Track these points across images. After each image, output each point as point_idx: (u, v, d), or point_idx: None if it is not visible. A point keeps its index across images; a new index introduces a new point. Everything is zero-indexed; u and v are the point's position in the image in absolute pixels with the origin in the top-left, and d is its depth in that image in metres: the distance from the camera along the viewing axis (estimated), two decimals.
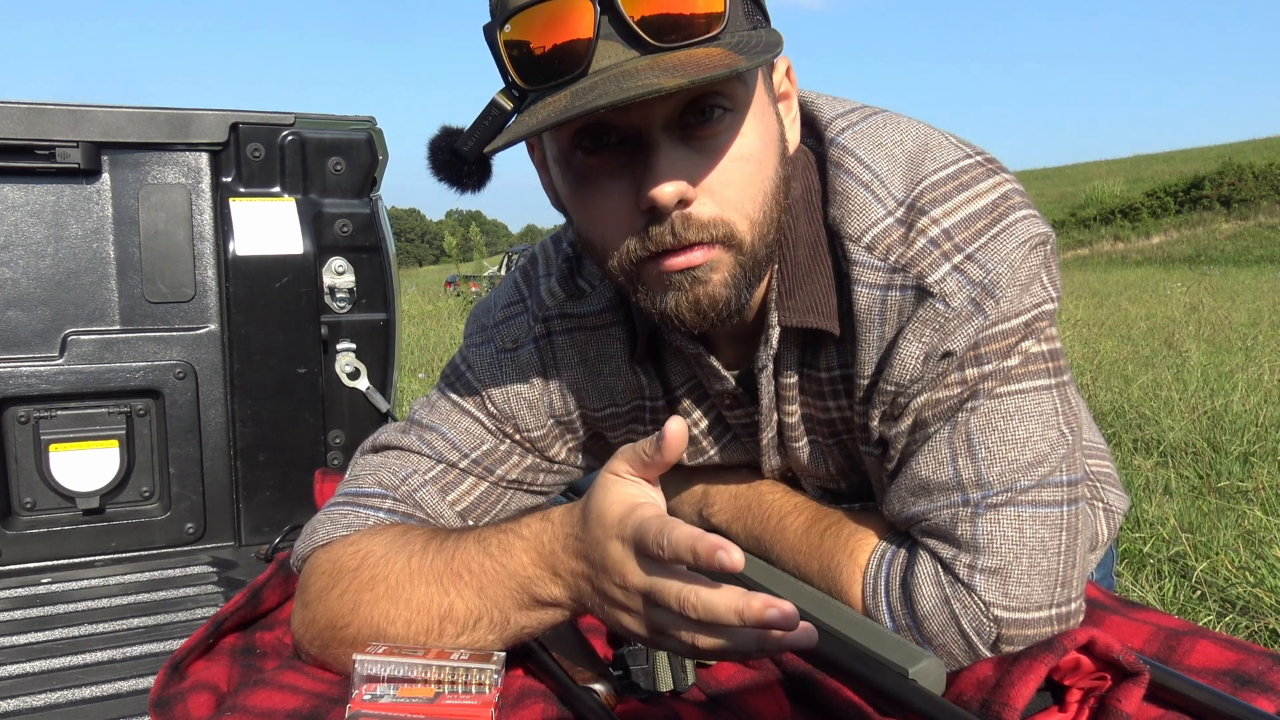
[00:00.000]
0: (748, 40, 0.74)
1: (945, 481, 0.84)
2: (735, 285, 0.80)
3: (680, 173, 0.75)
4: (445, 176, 0.86)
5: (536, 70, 0.74)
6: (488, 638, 0.82)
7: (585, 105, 0.68)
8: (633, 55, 0.72)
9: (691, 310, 0.80)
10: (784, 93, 0.87)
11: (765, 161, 0.80)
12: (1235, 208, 34.98)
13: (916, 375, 0.84)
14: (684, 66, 0.69)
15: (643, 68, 0.70)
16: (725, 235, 0.78)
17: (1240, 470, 3.99)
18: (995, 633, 0.82)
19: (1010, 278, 0.81)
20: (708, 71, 0.67)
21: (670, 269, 0.78)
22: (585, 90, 0.70)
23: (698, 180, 0.76)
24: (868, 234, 0.85)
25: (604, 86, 0.69)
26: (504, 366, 1.02)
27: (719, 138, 0.77)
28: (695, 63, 0.69)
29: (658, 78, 0.67)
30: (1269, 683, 0.82)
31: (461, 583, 0.82)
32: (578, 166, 0.80)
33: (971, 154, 0.87)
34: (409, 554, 0.86)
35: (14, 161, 1.63)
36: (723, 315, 0.81)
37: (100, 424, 1.70)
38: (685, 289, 0.79)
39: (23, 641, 1.36)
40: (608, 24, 0.72)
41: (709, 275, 0.79)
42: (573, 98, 0.70)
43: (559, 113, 0.70)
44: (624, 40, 0.72)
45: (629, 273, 0.81)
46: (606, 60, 0.72)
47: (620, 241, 0.79)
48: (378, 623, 0.85)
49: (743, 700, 0.85)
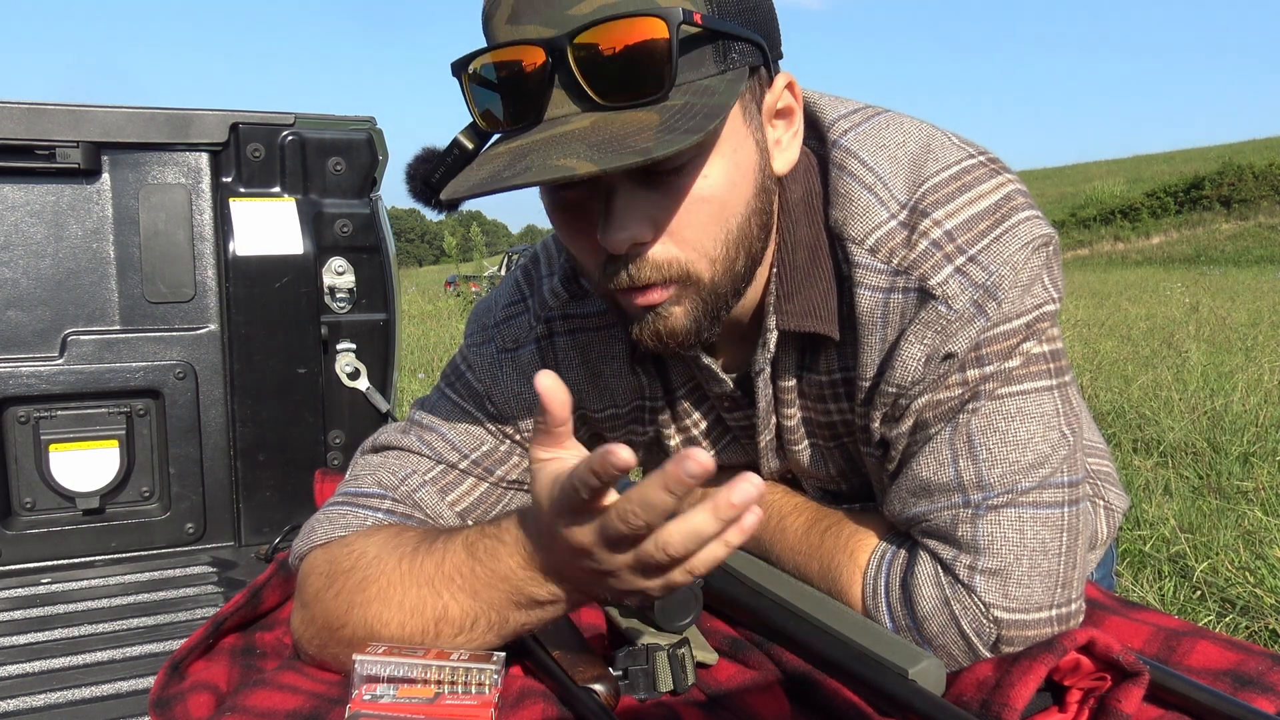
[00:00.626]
0: (694, 103, 0.72)
1: (946, 483, 0.84)
2: (695, 318, 0.82)
3: (636, 218, 0.76)
4: (420, 200, 0.88)
5: (492, 114, 0.76)
6: (487, 637, 0.82)
7: (508, 179, 0.70)
8: (575, 110, 0.73)
9: (653, 339, 0.83)
10: (783, 109, 0.85)
11: (731, 199, 0.79)
12: (1235, 208, 34.99)
13: (918, 377, 0.84)
14: (609, 142, 0.69)
15: (580, 130, 0.70)
16: (680, 275, 0.79)
17: (1240, 470, 3.99)
18: (995, 634, 0.82)
19: (1012, 279, 0.81)
20: (622, 157, 0.67)
21: (633, 304, 0.81)
22: (521, 152, 0.71)
23: (657, 223, 0.77)
24: (871, 237, 0.85)
25: (536, 155, 0.70)
26: (504, 367, 1.02)
27: (679, 179, 0.76)
28: (622, 138, 0.69)
29: (579, 155, 0.68)
30: (1269, 683, 0.82)
31: (454, 586, 0.82)
32: (555, 194, 0.81)
33: (974, 154, 0.87)
34: (399, 556, 0.86)
35: (14, 161, 1.63)
36: (685, 345, 0.83)
37: (100, 424, 1.70)
38: (650, 322, 0.82)
39: (23, 641, 1.36)
40: (558, 78, 0.72)
41: (670, 310, 0.81)
42: (512, 158, 0.72)
43: (485, 180, 0.72)
44: (570, 93, 0.73)
45: (606, 297, 0.85)
46: (558, 109, 0.73)
47: (593, 268, 0.82)
48: (371, 623, 0.85)
49: (743, 700, 0.85)
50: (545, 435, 0.72)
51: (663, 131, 0.69)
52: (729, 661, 0.91)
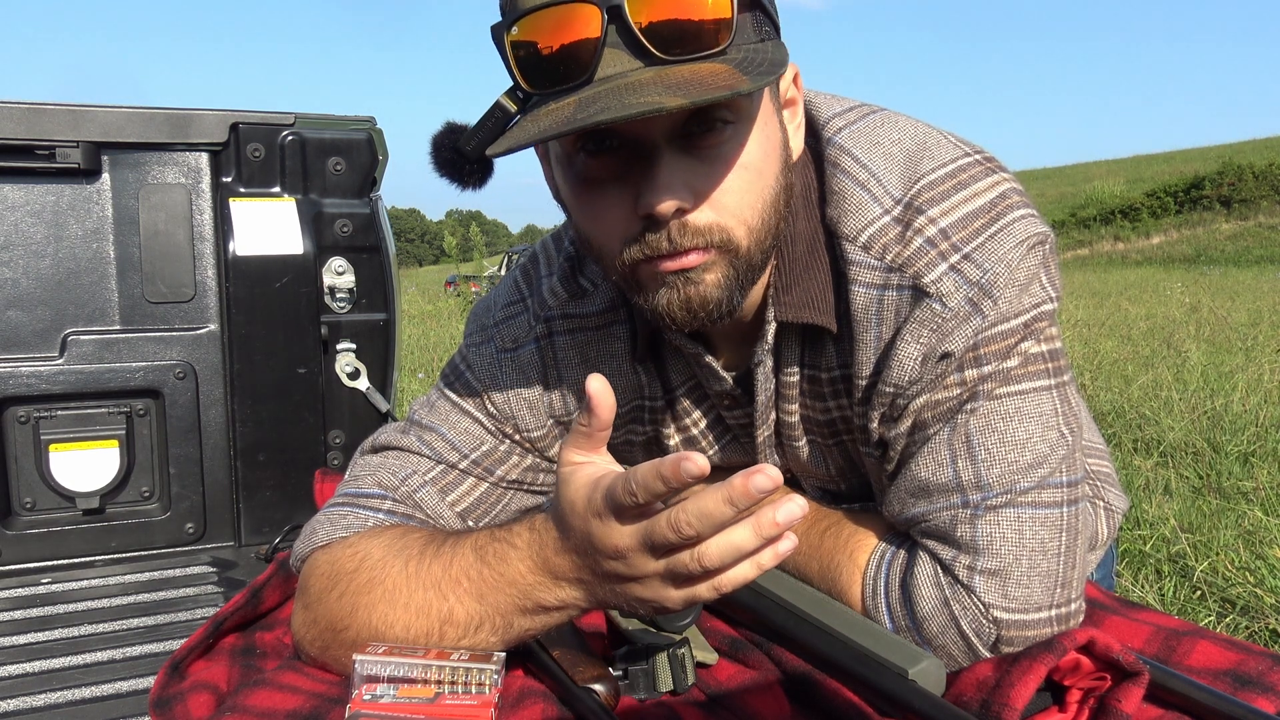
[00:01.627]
0: (753, 56, 0.73)
1: (945, 483, 0.84)
2: (728, 287, 0.81)
3: (681, 183, 0.75)
4: (447, 173, 0.86)
5: (541, 74, 0.74)
6: (490, 639, 0.82)
7: (586, 119, 0.68)
8: (637, 65, 0.72)
9: (682, 309, 0.81)
10: (790, 99, 0.87)
11: (766, 170, 0.80)
12: (1235, 208, 34.99)
13: (915, 377, 0.84)
14: (687, 83, 0.69)
15: (646, 80, 0.70)
16: (722, 241, 0.79)
17: (1240, 470, 3.99)
18: (995, 634, 0.82)
19: (1008, 278, 0.81)
20: (710, 92, 0.67)
21: (665, 270, 0.79)
22: (589, 101, 0.70)
23: (698, 189, 0.77)
24: (864, 233, 0.85)
25: (607, 99, 0.69)
26: (504, 366, 1.02)
27: (721, 147, 0.77)
28: (699, 80, 0.69)
29: (660, 95, 0.67)
30: (1269, 683, 0.82)
31: (460, 589, 0.82)
32: (579, 168, 0.80)
33: (970, 152, 0.87)
34: (406, 558, 0.86)
35: (14, 161, 1.63)
36: (713, 315, 0.82)
37: (100, 424, 1.70)
38: (678, 288, 0.80)
39: (23, 641, 1.36)
40: (614, 32, 0.72)
41: (702, 276, 0.80)
42: (577, 108, 0.70)
43: (561, 123, 0.70)
44: (629, 50, 0.72)
45: (625, 274, 0.82)
46: (611, 69, 0.72)
47: (618, 244, 0.80)
48: (376, 625, 0.85)
49: (743, 700, 0.85)
50: (584, 439, 0.72)
51: (741, 72, 0.70)
52: (729, 661, 0.91)
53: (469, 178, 0.86)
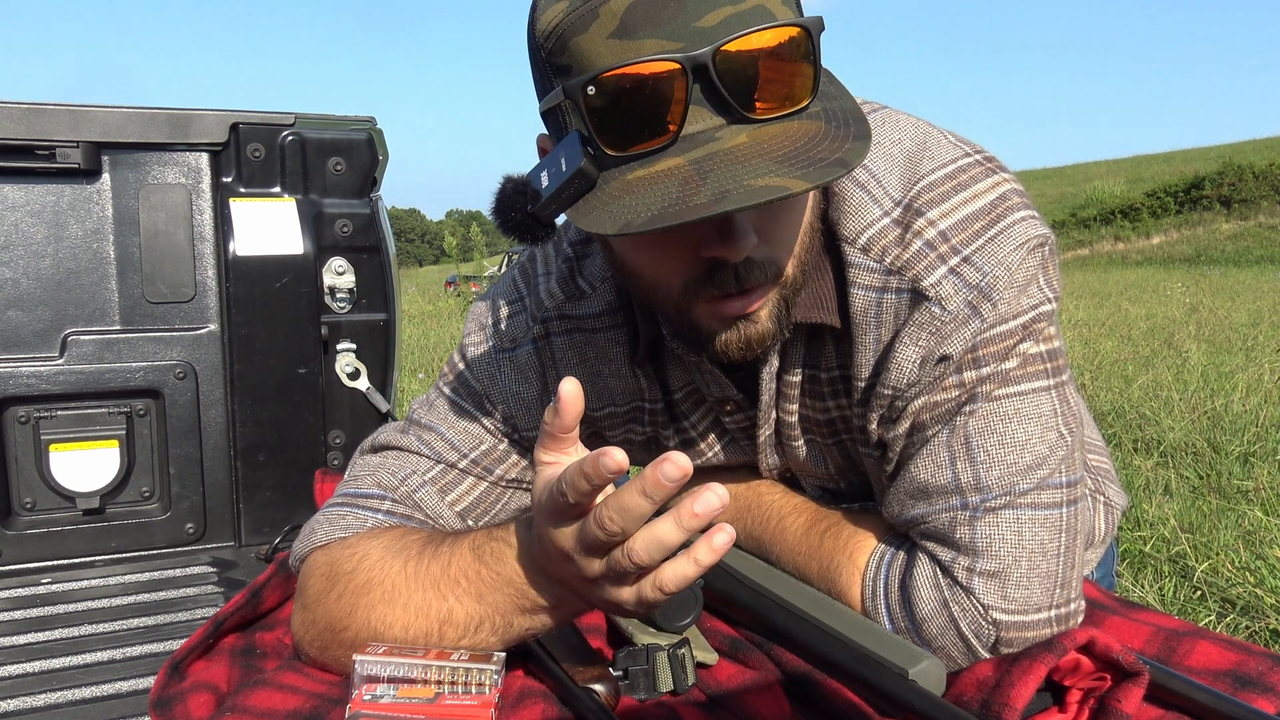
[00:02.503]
0: (833, 112, 0.72)
1: (944, 485, 0.84)
2: (779, 319, 0.82)
3: (751, 231, 0.75)
4: (519, 235, 0.83)
5: (623, 135, 0.71)
6: (489, 639, 0.82)
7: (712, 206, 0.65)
8: (720, 123, 0.70)
9: (741, 347, 0.82)
10: None
11: (808, 200, 0.81)
12: (1235, 208, 34.98)
13: (914, 379, 0.84)
14: (794, 156, 0.67)
15: (743, 147, 0.68)
16: (775, 274, 0.79)
17: (1240, 470, 3.99)
18: (994, 635, 0.82)
19: (1007, 280, 0.81)
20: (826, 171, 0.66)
21: (728, 314, 0.79)
22: (700, 172, 0.67)
23: (765, 235, 0.77)
24: (863, 235, 0.85)
25: (721, 174, 0.66)
26: (502, 366, 1.02)
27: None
28: (803, 150, 0.67)
29: (773, 170, 0.65)
30: (1269, 683, 0.82)
31: (459, 589, 0.82)
32: None
33: (970, 152, 0.87)
34: (405, 558, 0.86)
35: (14, 161, 1.63)
36: (769, 349, 0.84)
37: (100, 424, 1.70)
38: (738, 329, 0.81)
39: (23, 641, 1.36)
40: (697, 89, 0.69)
41: (759, 315, 0.80)
42: (686, 186, 0.67)
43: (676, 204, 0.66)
44: (711, 105, 0.70)
45: (679, 305, 0.81)
46: (695, 126, 0.70)
47: (677, 279, 0.79)
48: (375, 626, 0.85)
49: (743, 700, 0.85)
50: (550, 439, 0.72)
51: (839, 140, 0.69)
52: (729, 661, 0.91)
53: (540, 235, 0.83)
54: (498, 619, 0.81)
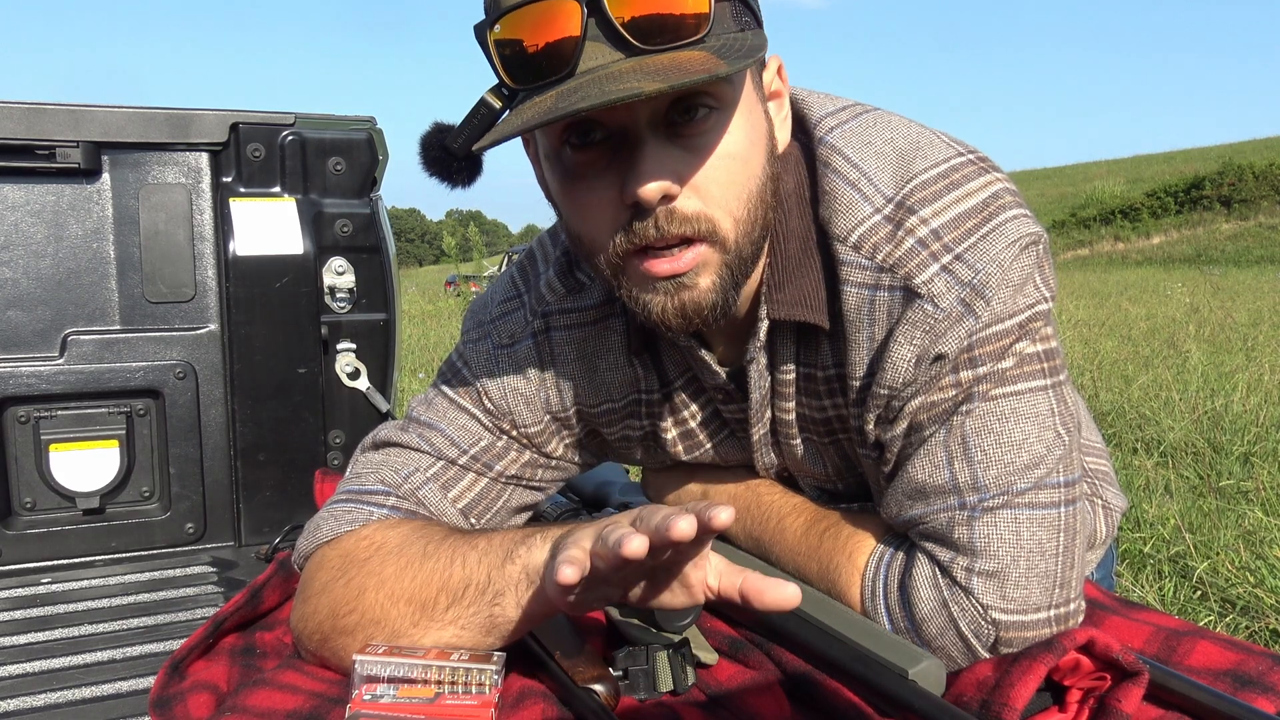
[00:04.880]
0: (732, 43, 0.74)
1: (941, 485, 0.84)
2: (721, 289, 0.81)
3: (666, 170, 0.76)
4: (435, 172, 0.88)
5: (525, 70, 0.75)
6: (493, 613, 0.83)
7: (566, 107, 0.69)
8: (618, 57, 0.73)
9: (677, 315, 0.81)
10: (774, 91, 0.88)
11: (751, 160, 0.81)
12: (1235, 208, 34.98)
13: (909, 378, 0.84)
14: (666, 70, 0.70)
15: (626, 70, 0.71)
16: (708, 231, 0.79)
17: (1241, 470, 3.99)
18: (994, 635, 0.82)
19: (1001, 278, 0.81)
20: (688, 76, 0.68)
21: (656, 274, 0.79)
22: (570, 92, 0.71)
23: (683, 177, 0.77)
24: (854, 233, 0.85)
25: (587, 89, 0.70)
26: (501, 362, 1.02)
27: (705, 136, 0.77)
28: (677, 66, 0.70)
29: (639, 81, 0.68)
30: (1269, 683, 0.82)
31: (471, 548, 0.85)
32: (566, 162, 0.81)
33: (963, 152, 0.87)
34: (426, 539, 0.89)
35: (14, 161, 1.63)
36: (709, 319, 0.82)
37: (100, 424, 1.70)
38: (671, 294, 0.80)
39: (23, 641, 1.36)
40: (594, 25, 0.73)
41: (695, 280, 0.80)
42: (558, 99, 0.71)
43: (542, 114, 0.71)
44: (610, 42, 0.73)
45: (615, 267, 0.82)
46: (593, 61, 0.73)
47: (606, 236, 0.80)
48: (382, 603, 0.86)
49: (743, 700, 0.85)
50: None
51: (719, 57, 0.71)
52: (729, 661, 0.91)
53: (457, 175, 0.87)
54: (510, 592, 0.82)
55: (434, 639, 0.84)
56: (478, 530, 0.95)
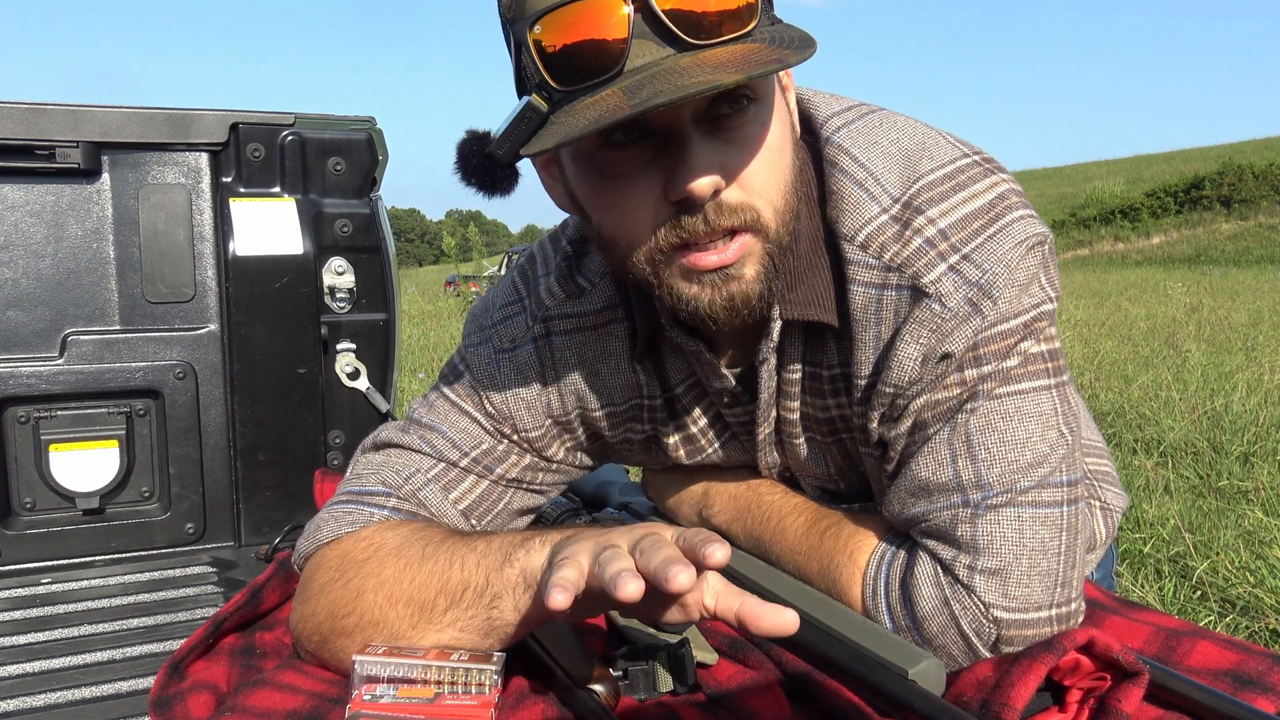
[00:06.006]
0: (779, 34, 0.74)
1: (945, 483, 0.84)
2: (765, 279, 0.81)
3: (714, 165, 0.76)
4: (478, 182, 0.85)
5: (571, 70, 0.73)
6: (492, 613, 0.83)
7: (644, 103, 0.67)
8: (668, 53, 0.72)
9: (725, 307, 0.81)
10: (785, 85, 0.88)
11: (785, 149, 0.82)
12: (1235, 208, 34.99)
13: (915, 377, 0.84)
14: (732, 63, 0.69)
15: (687, 65, 0.70)
16: (753, 221, 0.79)
17: (1241, 470, 3.99)
18: (995, 634, 0.82)
19: (1007, 278, 0.81)
20: (761, 67, 0.68)
21: (703, 267, 0.79)
22: (635, 88, 0.69)
23: (729, 170, 0.77)
24: (861, 232, 0.85)
25: (656, 84, 0.68)
26: (502, 366, 1.02)
27: (747, 128, 0.78)
28: (744, 58, 0.70)
29: (711, 74, 0.67)
30: (1269, 683, 0.82)
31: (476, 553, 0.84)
32: (602, 164, 0.79)
33: (969, 153, 0.87)
34: (425, 541, 0.88)
35: (14, 161, 1.63)
36: (755, 310, 0.82)
37: (100, 424, 1.70)
38: (718, 286, 0.80)
39: (23, 641, 1.36)
40: (641, 22, 0.71)
41: (741, 271, 0.80)
42: (625, 95, 0.69)
43: (612, 111, 0.69)
44: (658, 38, 0.72)
45: (656, 265, 0.81)
46: (641, 59, 0.72)
47: (648, 233, 0.79)
48: (381, 605, 0.86)
49: (743, 700, 0.85)
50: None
51: (777, 49, 0.71)
52: (729, 661, 0.91)
53: (500, 184, 0.85)
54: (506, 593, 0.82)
55: (432, 641, 0.84)
56: (477, 532, 0.94)
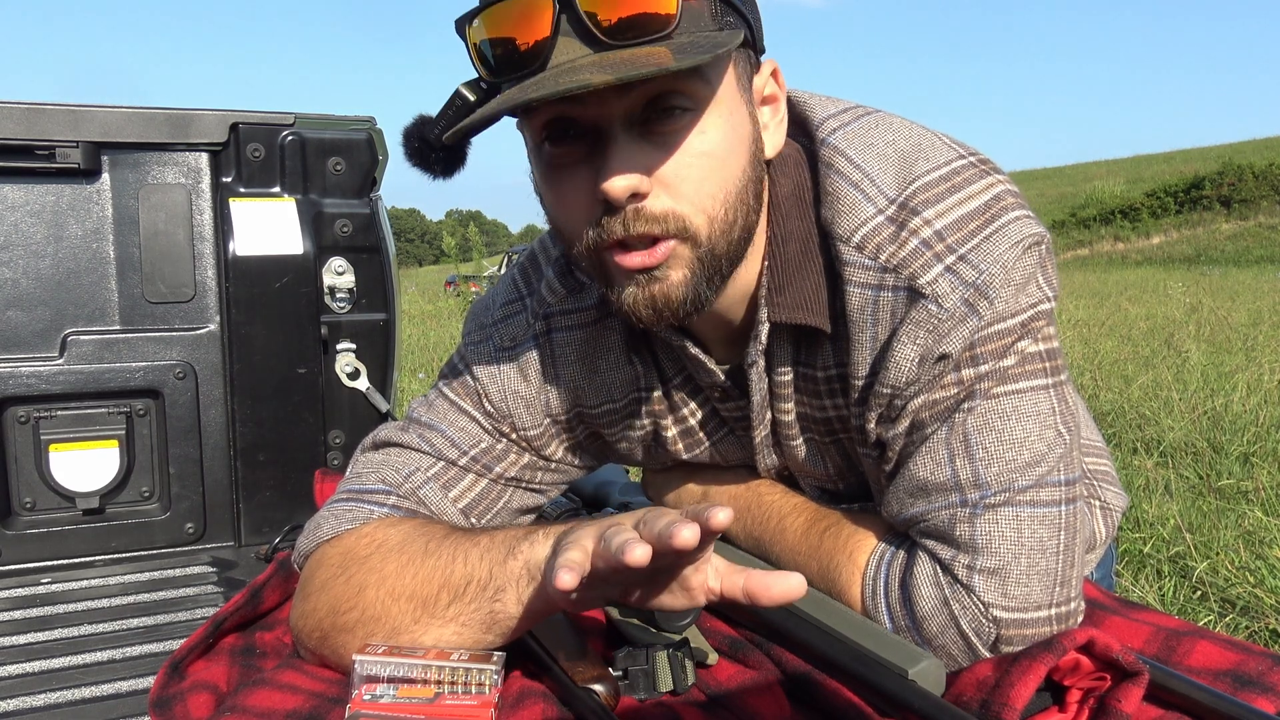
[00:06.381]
0: (698, 41, 0.75)
1: (943, 482, 0.84)
2: (693, 284, 0.81)
3: (635, 166, 0.76)
4: (416, 162, 0.90)
5: (499, 64, 0.77)
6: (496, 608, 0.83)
7: (519, 98, 0.72)
8: (586, 52, 0.74)
9: (647, 307, 0.82)
10: (769, 96, 0.87)
11: (730, 160, 0.81)
12: (1235, 208, 35.00)
13: (913, 377, 0.84)
14: (621, 64, 0.71)
15: (587, 64, 0.72)
16: (679, 229, 0.79)
17: (1240, 470, 3.99)
18: (995, 633, 0.82)
19: (1004, 278, 0.81)
20: (637, 69, 0.69)
21: (626, 267, 0.80)
22: (532, 85, 0.73)
23: (653, 171, 0.78)
24: (857, 233, 0.85)
25: (545, 81, 0.72)
26: (502, 365, 1.02)
27: (677, 134, 0.78)
28: (632, 60, 0.71)
29: (591, 74, 0.70)
30: (1269, 683, 0.82)
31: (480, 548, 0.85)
32: (546, 156, 0.82)
33: (965, 155, 0.87)
34: (427, 537, 0.88)
35: (14, 161, 1.63)
36: (679, 314, 0.82)
37: (100, 424, 1.70)
38: (642, 286, 0.81)
39: (23, 641, 1.36)
40: (566, 22, 0.74)
41: (666, 274, 0.80)
42: (519, 91, 0.74)
43: (498, 104, 0.74)
44: (580, 38, 0.74)
45: (590, 260, 0.83)
46: (564, 56, 0.75)
47: (581, 229, 0.81)
48: (383, 600, 0.86)
49: (743, 700, 0.85)
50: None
51: (677, 54, 0.72)
52: (729, 661, 0.91)
53: (435, 165, 0.90)
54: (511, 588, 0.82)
55: (434, 636, 0.84)
56: (479, 528, 0.95)
